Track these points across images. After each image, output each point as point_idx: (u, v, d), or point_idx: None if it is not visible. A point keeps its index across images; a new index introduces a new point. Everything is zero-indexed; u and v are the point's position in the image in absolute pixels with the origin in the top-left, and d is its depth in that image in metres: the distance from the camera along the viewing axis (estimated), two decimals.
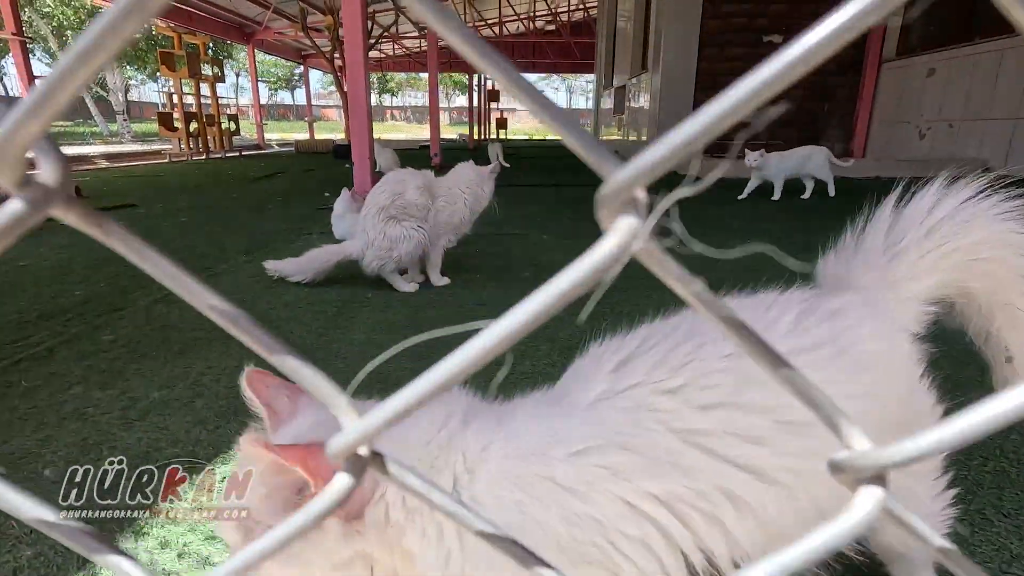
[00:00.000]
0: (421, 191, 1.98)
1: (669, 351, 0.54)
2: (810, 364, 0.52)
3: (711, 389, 0.50)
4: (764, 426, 0.50)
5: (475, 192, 2.10)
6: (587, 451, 0.48)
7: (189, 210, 4.01)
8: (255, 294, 2.00)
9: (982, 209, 0.64)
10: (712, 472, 0.49)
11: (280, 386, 0.54)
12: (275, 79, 40.02)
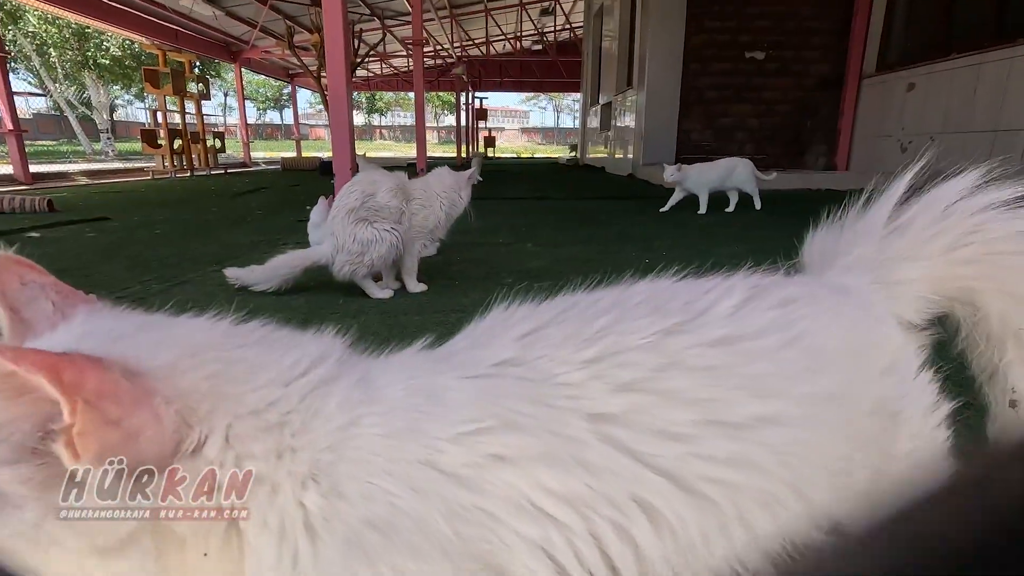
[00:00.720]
0: (394, 192, 1.89)
1: (584, 323, 0.44)
2: (751, 354, 0.43)
3: (628, 367, 0.41)
4: (688, 421, 0.40)
5: (452, 197, 2.03)
6: (478, 432, 0.38)
7: (165, 223, 3.89)
8: (218, 301, 1.88)
9: (1007, 202, 0.55)
10: (624, 473, 0.39)
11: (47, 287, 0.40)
12: (263, 99, 40.13)
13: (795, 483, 0.43)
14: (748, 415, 0.42)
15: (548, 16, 15.16)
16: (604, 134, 11.15)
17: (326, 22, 4.00)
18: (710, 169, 4.39)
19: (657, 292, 0.49)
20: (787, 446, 0.42)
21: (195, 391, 0.34)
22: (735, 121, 7.81)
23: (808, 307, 0.49)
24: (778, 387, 0.44)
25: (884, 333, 0.53)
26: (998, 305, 0.56)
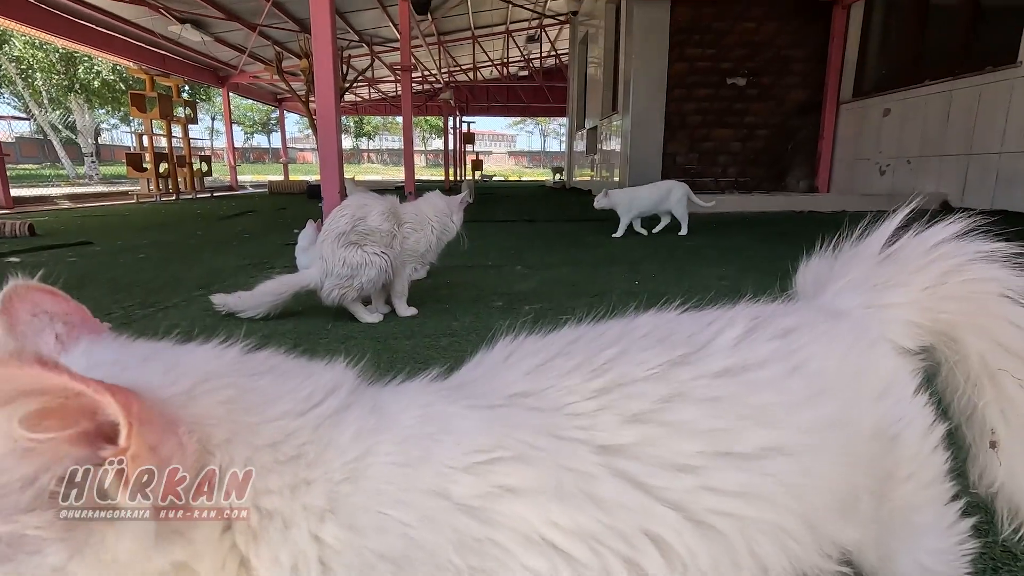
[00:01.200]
0: (385, 216, 1.88)
1: (592, 354, 0.44)
2: (755, 384, 0.44)
3: (636, 398, 0.41)
4: (695, 452, 0.40)
5: (443, 221, 2.02)
6: (491, 462, 0.37)
7: (149, 247, 3.84)
8: (204, 327, 1.85)
9: (990, 252, 0.58)
10: (634, 507, 0.38)
11: (55, 317, 0.38)
12: (251, 123, 40.22)
13: (804, 513, 0.43)
14: (754, 445, 0.42)
15: (534, 43, 15.47)
16: (590, 158, 11.31)
17: (315, 48, 4.05)
18: (644, 193, 4.38)
19: (661, 324, 0.50)
20: (794, 476, 0.43)
21: (212, 417, 0.33)
22: (718, 145, 7.97)
23: (806, 335, 0.49)
24: (782, 416, 0.44)
25: (879, 356, 0.53)
26: (978, 346, 0.57)
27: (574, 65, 13.07)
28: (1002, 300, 0.57)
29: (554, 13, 13.26)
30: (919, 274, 0.58)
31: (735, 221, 5.12)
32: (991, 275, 0.57)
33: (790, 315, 0.52)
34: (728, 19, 7.50)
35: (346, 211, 1.86)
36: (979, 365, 0.57)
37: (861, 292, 0.58)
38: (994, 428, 0.57)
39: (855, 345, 0.52)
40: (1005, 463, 0.57)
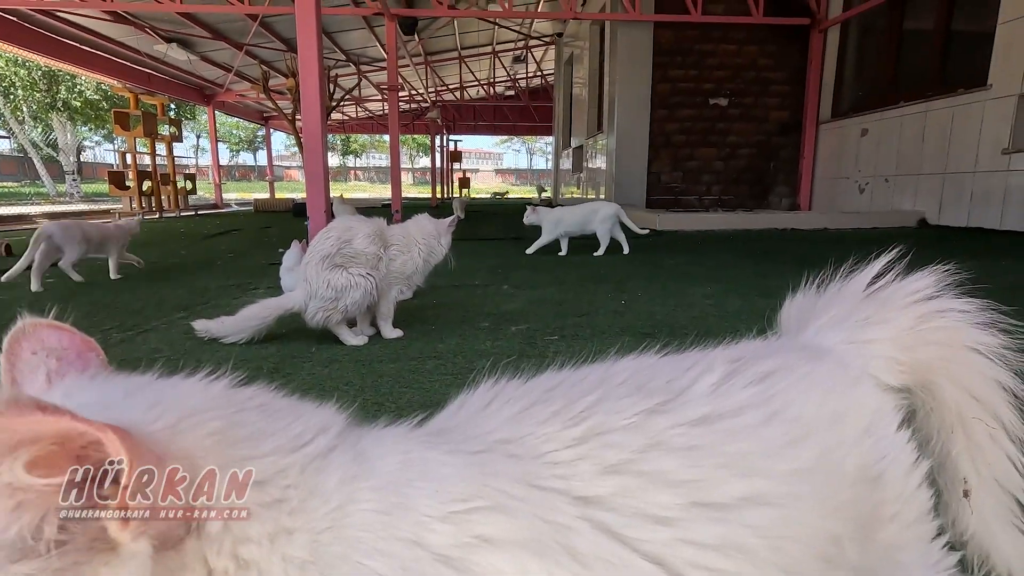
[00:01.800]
0: (371, 239, 1.87)
1: (570, 402, 0.43)
2: (732, 432, 0.44)
3: (613, 448, 0.40)
4: (674, 504, 0.40)
5: (430, 244, 2.01)
6: (468, 512, 0.36)
7: (130, 267, 3.78)
8: (184, 351, 1.81)
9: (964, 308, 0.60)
10: (613, 560, 0.37)
11: (50, 353, 0.38)
12: (236, 140, 40.10)
13: (785, 565, 0.42)
14: (732, 495, 0.41)
15: (520, 63, 15.69)
16: (576, 176, 11.42)
17: (302, 67, 4.06)
18: (570, 212, 4.32)
19: (640, 370, 0.49)
20: (774, 527, 0.42)
21: (200, 451, 0.32)
22: (701, 164, 8.11)
23: (785, 379, 0.49)
24: (760, 465, 0.43)
25: (861, 394, 0.53)
26: (953, 394, 0.58)
27: (559, 85, 13.27)
28: (974, 353, 0.58)
29: (539, 34, 13.49)
30: (901, 313, 0.59)
31: (719, 239, 5.18)
32: (964, 328, 0.59)
33: (769, 358, 0.52)
34: (709, 42, 7.68)
35: (332, 233, 1.85)
36: (953, 413, 0.58)
37: (844, 328, 0.59)
38: (966, 477, 0.58)
39: (836, 387, 0.52)
40: (976, 512, 0.58)
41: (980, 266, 3.30)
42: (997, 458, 0.59)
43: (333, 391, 1.45)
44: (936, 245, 4.39)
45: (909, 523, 0.51)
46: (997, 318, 0.60)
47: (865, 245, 3.57)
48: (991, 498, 0.59)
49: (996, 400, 0.58)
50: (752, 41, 7.67)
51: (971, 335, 0.59)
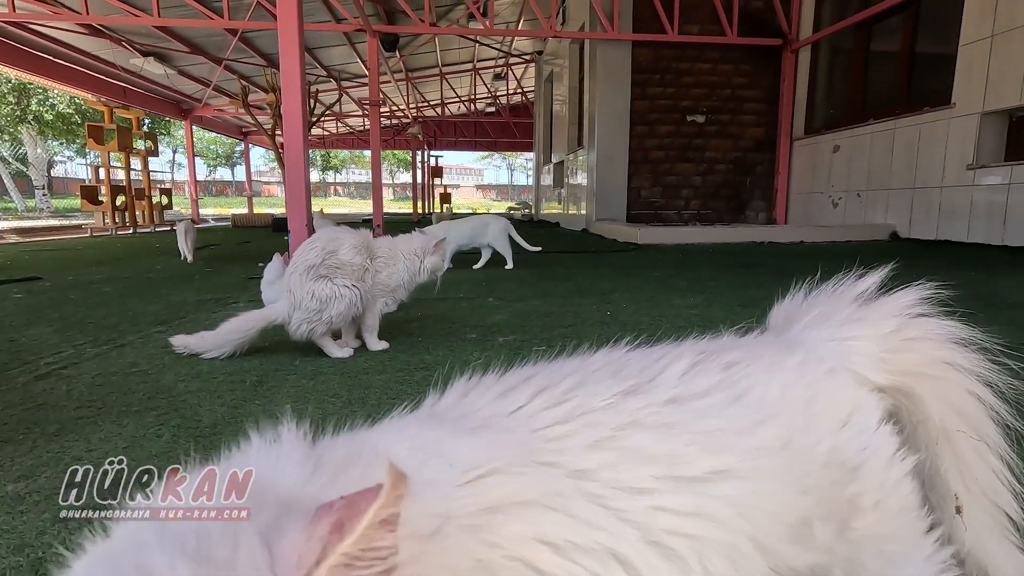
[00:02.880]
0: (357, 250, 1.85)
1: (551, 385, 0.47)
2: (700, 412, 0.48)
3: (595, 426, 0.44)
4: (650, 476, 0.43)
5: (414, 261, 1.98)
6: (482, 478, 0.38)
7: (104, 282, 3.68)
8: (163, 365, 1.76)
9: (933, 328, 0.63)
10: (602, 525, 0.40)
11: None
12: (214, 155, 39.64)
13: (753, 534, 0.45)
14: (703, 469, 0.44)
15: (500, 80, 15.87)
16: (557, 191, 11.52)
17: (284, 83, 4.04)
18: (461, 226, 4.36)
19: (614, 360, 0.52)
20: (742, 498, 0.45)
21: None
22: (680, 179, 8.25)
23: (748, 368, 0.52)
24: (727, 442, 0.46)
25: (836, 385, 0.54)
26: (937, 407, 0.59)
27: (540, 102, 13.43)
28: (954, 368, 0.61)
29: (520, 52, 13.68)
30: (884, 319, 0.61)
31: (699, 252, 5.26)
32: (944, 344, 0.62)
33: (735, 350, 0.55)
34: (686, 60, 7.87)
35: (317, 244, 1.82)
36: (937, 427, 0.59)
37: (826, 327, 0.61)
38: (957, 494, 0.59)
39: (803, 376, 0.53)
40: (970, 529, 0.59)
41: (950, 277, 3.40)
42: (984, 473, 0.60)
43: (319, 404, 1.41)
44: (908, 257, 4.52)
45: (893, 514, 0.52)
46: (974, 334, 0.63)
47: (840, 258, 3.70)
48: (983, 513, 0.60)
49: (978, 414, 0.60)
50: (727, 60, 7.89)
51: (950, 351, 0.61)
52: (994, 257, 4.33)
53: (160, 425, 1.27)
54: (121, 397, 1.46)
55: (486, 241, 4.29)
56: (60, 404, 1.41)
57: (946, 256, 4.49)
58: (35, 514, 0.89)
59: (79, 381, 1.60)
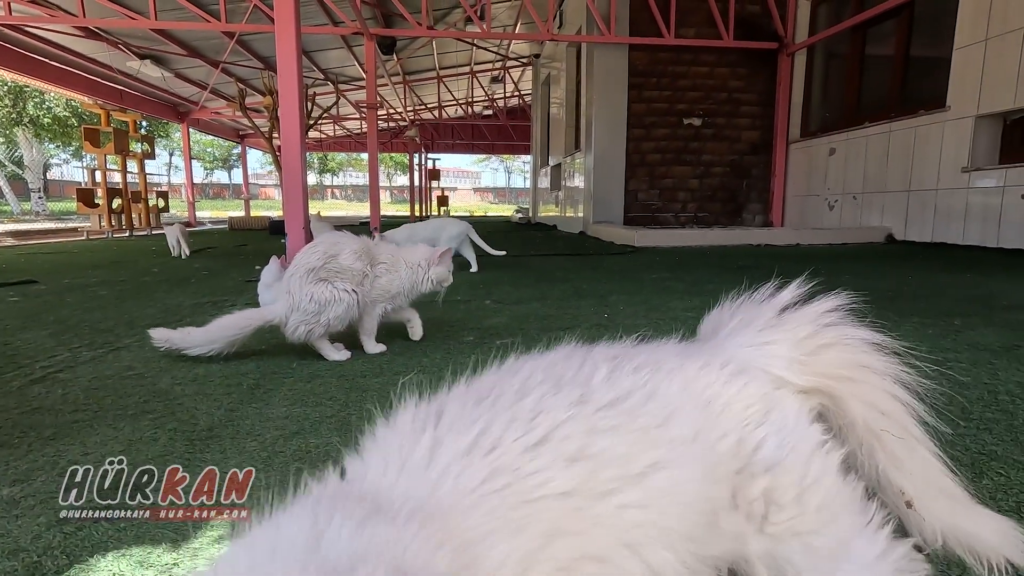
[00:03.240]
0: (358, 255, 1.84)
1: (517, 402, 0.48)
2: (632, 412, 0.51)
3: (568, 440, 0.46)
4: (613, 477, 0.46)
5: (417, 271, 1.97)
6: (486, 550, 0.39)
7: (100, 285, 3.66)
8: (159, 368, 1.75)
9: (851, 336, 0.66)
10: (587, 533, 0.43)
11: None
12: (211, 158, 39.58)
13: (680, 518, 0.48)
14: (644, 463, 0.47)
15: (498, 83, 15.90)
16: (555, 194, 11.53)
17: (281, 85, 4.04)
18: (420, 229, 4.31)
19: (546, 368, 0.54)
20: (670, 487, 0.48)
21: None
22: (677, 182, 8.27)
23: (652, 370, 0.55)
24: (655, 436, 0.49)
25: (743, 386, 0.57)
26: (860, 409, 0.62)
27: (537, 105, 13.45)
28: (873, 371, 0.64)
29: (517, 56, 13.72)
30: (801, 325, 0.64)
31: (697, 255, 5.27)
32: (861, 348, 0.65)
33: (639, 354, 0.58)
34: (682, 64, 7.90)
35: (319, 248, 1.82)
36: (863, 428, 0.62)
37: (746, 333, 0.64)
38: (902, 489, 0.61)
39: (704, 377, 0.56)
40: (929, 516, 0.60)
41: (942, 279, 3.42)
42: (919, 465, 0.62)
43: (316, 406, 1.41)
44: (902, 259, 4.54)
45: (815, 508, 0.53)
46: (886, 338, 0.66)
47: (837, 260, 3.71)
48: (936, 502, 0.61)
49: (899, 413, 0.63)
50: (723, 64, 7.92)
51: (866, 354, 0.64)
52: (989, 259, 4.35)
53: (156, 428, 1.26)
54: (117, 400, 1.46)
55: (447, 244, 4.12)
56: (55, 408, 1.41)
57: (942, 258, 4.51)
58: (30, 518, 0.89)
59: (75, 384, 1.60)
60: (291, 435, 1.22)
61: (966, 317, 2.28)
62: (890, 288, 3.07)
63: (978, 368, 1.60)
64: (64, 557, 0.79)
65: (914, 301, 2.68)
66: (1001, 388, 1.43)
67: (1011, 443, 1.11)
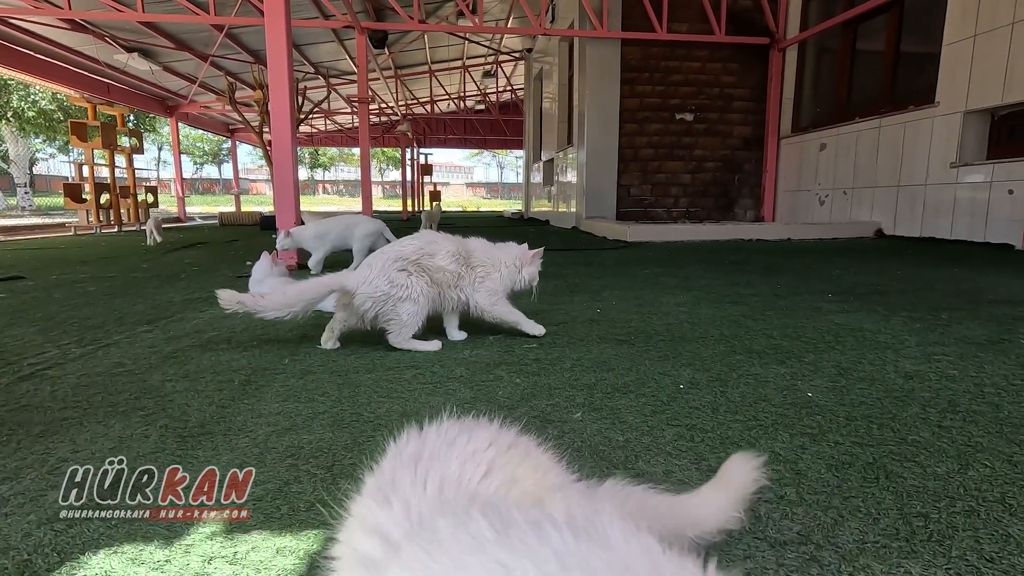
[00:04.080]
0: (454, 257, 1.89)
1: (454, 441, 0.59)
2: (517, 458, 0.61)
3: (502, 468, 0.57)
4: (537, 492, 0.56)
5: (513, 271, 2.03)
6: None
7: (89, 281, 3.63)
8: (149, 365, 1.74)
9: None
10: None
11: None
12: (201, 153, 39.19)
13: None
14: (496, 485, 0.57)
15: (490, 78, 15.83)
16: (547, 188, 11.52)
17: (271, 79, 4.01)
18: (330, 225, 3.99)
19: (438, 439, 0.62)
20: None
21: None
22: (669, 177, 8.29)
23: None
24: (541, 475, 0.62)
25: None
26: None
27: (529, 100, 13.42)
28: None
29: (509, 50, 13.66)
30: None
31: (689, 250, 5.29)
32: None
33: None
34: (675, 59, 7.90)
35: (416, 242, 1.88)
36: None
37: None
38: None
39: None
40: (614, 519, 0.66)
41: (930, 274, 3.46)
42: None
43: (309, 403, 1.41)
44: (892, 254, 4.58)
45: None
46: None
47: (827, 255, 3.75)
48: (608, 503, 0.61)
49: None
50: (715, 59, 7.93)
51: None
52: (976, 254, 4.40)
53: (147, 425, 1.26)
54: (107, 397, 1.45)
55: (352, 244, 3.93)
56: (44, 405, 1.40)
57: (930, 253, 4.56)
58: (20, 516, 0.88)
59: (63, 382, 1.58)
60: (283, 431, 1.22)
61: (953, 311, 2.31)
62: (879, 283, 3.09)
63: (965, 362, 1.62)
64: (55, 555, 0.79)
65: (903, 296, 2.71)
66: (987, 381, 1.45)
67: (996, 435, 1.13)
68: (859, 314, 2.31)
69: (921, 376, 1.51)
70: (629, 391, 1.45)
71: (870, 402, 1.34)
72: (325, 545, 0.79)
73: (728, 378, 1.55)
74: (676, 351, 1.84)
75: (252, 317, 1.85)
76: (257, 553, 0.79)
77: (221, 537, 0.82)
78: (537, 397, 1.42)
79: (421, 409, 1.35)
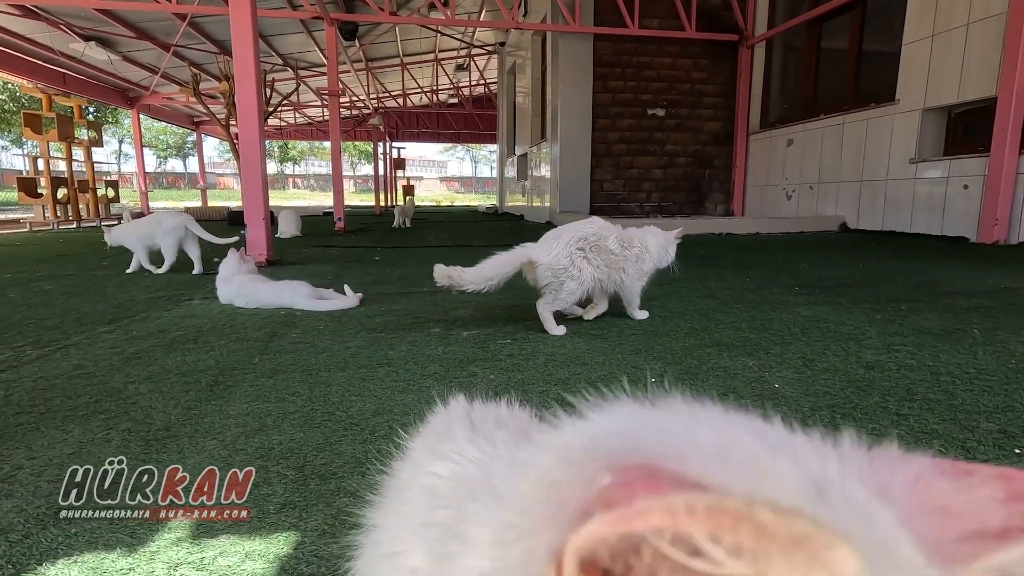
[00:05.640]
0: (621, 242, 2.05)
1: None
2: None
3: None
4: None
5: (663, 253, 2.20)
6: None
7: (45, 279, 3.48)
8: (111, 367, 1.68)
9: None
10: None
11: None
12: (164, 146, 37.98)
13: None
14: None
15: (463, 72, 15.72)
16: (521, 183, 11.52)
17: (237, 71, 3.91)
18: (143, 224, 3.86)
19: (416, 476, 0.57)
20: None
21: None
22: (641, 172, 8.37)
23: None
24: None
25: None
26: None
27: (503, 94, 13.38)
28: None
29: (482, 43, 13.57)
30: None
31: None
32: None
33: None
34: (646, 54, 7.97)
35: (593, 225, 2.04)
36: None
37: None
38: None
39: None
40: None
41: (891, 266, 3.58)
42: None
43: (279, 402, 1.38)
44: (855, 247, 4.72)
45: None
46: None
47: (795, 248, 3.83)
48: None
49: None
50: (686, 55, 8.03)
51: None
52: (934, 247, 4.57)
53: (109, 429, 1.22)
54: (66, 401, 1.40)
55: (159, 242, 3.73)
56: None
57: (891, 246, 4.72)
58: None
59: (19, 385, 1.52)
60: (253, 432, 1.19)
61: (912, 303, 2.39)
62: (843, 275, 3.19)
63: (923, 351, 1.69)
64: (9, 567, 0.76)
65: (865, 288, 2.80)
66: (943, 370, 1.51)
67: (951, 422, 1.18)
68: (824, 307, 2.38)
69: (881, 366, 1.56)
70: (601, 386, 1.47)
71: (833, 392, 1.38)
72: (326, 542, 0.78)
73: (698, 371, 1.58)
74: (648, 345, 1.86)
75: (218, 316, 1.81)
76: (225, 558, 0.77)
77: (187, 542, 0.80)
78: (512, 393, 1.43)
79: (395, 407, 1.34)
